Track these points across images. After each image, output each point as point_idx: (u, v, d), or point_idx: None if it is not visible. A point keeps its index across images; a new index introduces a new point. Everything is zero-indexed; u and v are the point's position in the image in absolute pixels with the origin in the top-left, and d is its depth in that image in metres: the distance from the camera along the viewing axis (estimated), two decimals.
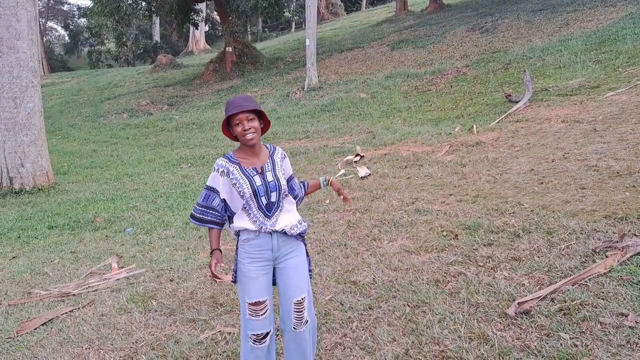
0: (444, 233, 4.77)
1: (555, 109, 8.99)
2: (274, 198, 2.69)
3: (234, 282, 2.79)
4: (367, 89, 15.20)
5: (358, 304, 3.74)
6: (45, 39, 51.90)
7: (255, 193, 2.64)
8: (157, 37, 45.67)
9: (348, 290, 3.99)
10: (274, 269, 2.78)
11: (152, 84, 24.77)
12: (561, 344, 2.91)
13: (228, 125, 2.71)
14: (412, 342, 3.17)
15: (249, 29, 39.75)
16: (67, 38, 59.38)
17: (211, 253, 2.72)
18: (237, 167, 2.68)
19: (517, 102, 9.94)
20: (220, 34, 42.18)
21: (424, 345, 3.13)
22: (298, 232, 2.76)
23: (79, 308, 4.36)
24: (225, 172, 2.68)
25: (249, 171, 2.68)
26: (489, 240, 4.41)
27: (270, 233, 2.69)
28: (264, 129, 2.76)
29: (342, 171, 7.78)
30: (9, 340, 3.92)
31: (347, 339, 3.33)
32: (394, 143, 9.19)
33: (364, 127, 11.34)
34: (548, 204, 4.96)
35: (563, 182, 5.52)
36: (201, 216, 2.75)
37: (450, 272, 3.99)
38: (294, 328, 2.76)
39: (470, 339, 3.11)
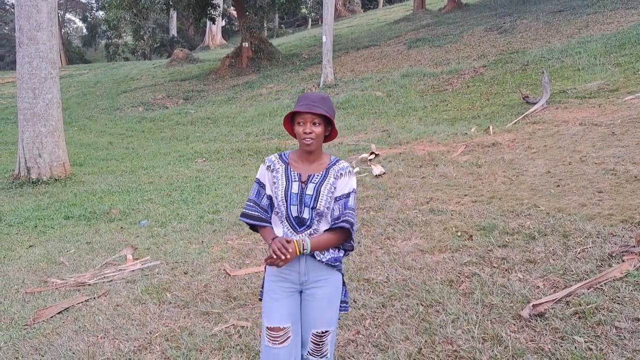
0: (459, 233, 4.76)
1: (573, 111, 8.90)
2: (306, 214, 2.39)
3: (260, 299, 2.57)
4: (382, 87, 15.16)
5: (371, 301, 3.74)
6: (63, 31, 52.43)
7: (286, 199, 2.39)
8: (174, 31, 45.92)
9: (361, 287, 4.00)
10: (301, 293, 2.50)
11: (168, 78, 24.92)
12: (575, 348, 2.89)
13: (292, 120, 2.47)
14: (425, 341, 3.17)
15: (265, 25, 39.79)
16: (85, 30, 59.96)
17: (269, 245, 2.33)
18: (285, 166, 2.46)
19: (534, 103, 9.86)
20: (236, 29, 42.32)
21: (437, 344, 3.12)
22: (327, 259, 2.42)
23: (94, 298, 4.41)
24: (272, 167, 2.48)
25: (292, 174, 2.43)
26: (504, 242, 4.39)
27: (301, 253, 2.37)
28: (329, 137, 2.48)
29: (357, 169, 7.78)
30: (26, 327, 3.98)
31: (360, 336, 3.34)
32: (409, 142, 9.16)
33: (379, 126, 11.32)
34: (564, 207, 4.92)
35: (580, 185, 5.47)
36: (251, 212, 2.49)
37: (465, 273, 3.98)
38: (309, 354, 2.51)
39: (483, 339, 3.10)
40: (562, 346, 2.93)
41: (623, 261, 3.68)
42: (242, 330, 3.56)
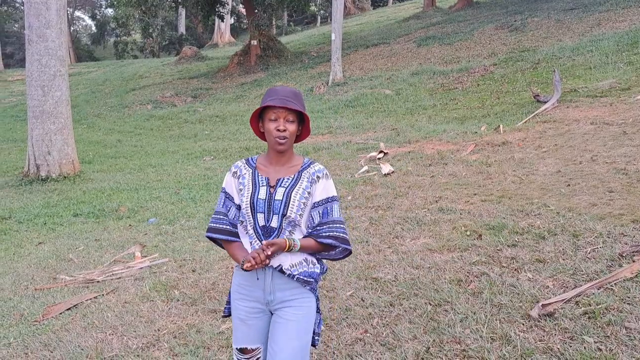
0: (468, 233, 4.73)
1: (584, 110, 8.82)
2: (274, 222, 2.12)
3: (224, 315, 2.36)
4: (392, 86, 15.12)
5: (379, 300, 3.73)
6: (72, 28, 52.73)
7: (252, 206, 2.13)
8: (182, 29, 46.05)
9: (369, 286, 3.98)
10: (271, 313, 2.23)
11: (177, 76, 25.00)
12: (585, 348, 2.86)
13: (260, 117, 2.21)
14: (433, 340, 3.15)
15: (274, 23, 39.81)
16: (93, 28, 60.28)
17: (242, 263, 2.03)
18: (252, 171, 2.22)
19: (545, 102, 9.78)
20: (245, 27, 42.35)
21: (445, 343, 3.10)
22: (299, 273, 2.12)
23: (102, 295, 4.43)
24: (238, 173, 2.23)
25: (259, 179, 2.18)
26: (514, 241, 4.36)
27: (264, 268, 2.12)
28: (300, 137, 2.24)
29: (365, 168, 7.76)
30: (35, 323, 4.01)
31: (368, 334, 3.32)
32: (418, 141, 9.13)
33: (388, 124, 11.28)
34: (574, 207, 4.88)
35: (590, 185, 5.42)
36: (218, 225, 2.23)
37: (473, 272, 3.96)
38: None
39: (492, 339, 3.08)
40: (571, 346, 2.90)
41: (634, 261, 3.64)
42: None
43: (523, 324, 3.18)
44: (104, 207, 7.54)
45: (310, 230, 2.17)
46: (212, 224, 2.26)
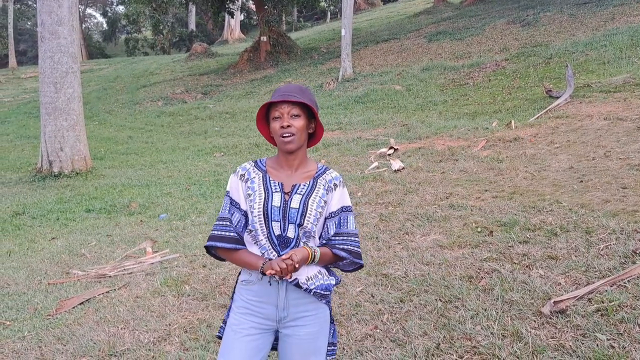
0: (479, 229, 4.70)
1: (597, 105, 8.73)
2: (291, 233, 1.96)
3: (219, 336, 2.11)
4: (402, 81, 15.05)
5: (389, 296, 3.72)
6: (84, 25, 53.11)
7: (266, 214, 1.95)
8: (192, 26, 46.17)
9: (379, 282, 3.98)
10: (277, 332, 2.06)
11: (187, 73, 25.08)
12: (597, 345, 2.84)
13: (266, 118, 2.07)
14: (444, 336, 3.14)
15: (284, 19, 39.77)
16: (105, 25, 60.67)
17: (262, 268, 1.90)
18: (262, 175, 2.03)
19: (557, 97, 9.69)
20: (255, 23, 42.38)
21: (455, 340, 3.09)
22: (316, 287, 1.98)
23: (114, 289, 4.47)
24: (246, 177, 2.04)
25: (272, 184, 2.00)
26: (525, 238, 4.33)
27: (277, 282, 1.97)
28: (315, 137, 2.09)
29: (375, 164, 7.74)
30: (49, 317, 4.05)
31: (378, 330, 3.32)
32: (428, 137, 9.09)
33: (399, 120, 11.25)
34: (587, 203, 4.83)
35: (604, 181, 5.37)
36: (224, 233, 2.00)
37: (484, 269, 3.93)
38: None
39: (503, 336, 3.06)
40: (583, 343, 2.88)
41: None
42: None
43: (535, 321, 3.16)
44: (116, 203, 7.59)
45: (324, 241, 2.02)
46: (216, 232, 2.01)
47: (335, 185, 2.05)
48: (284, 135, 1.96)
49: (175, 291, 4.25)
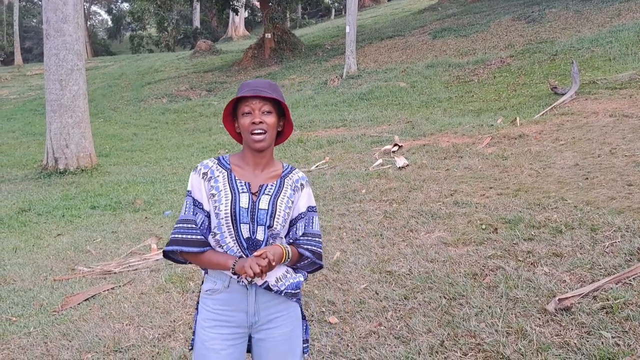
0: (483, 226, 4.69)
1: (603, 102, 8.69)
2: (260, 235, 1.87)
3: (191, 349, 2.00)
4: (406, 78, 15.02)
5: (393, 293, 3.72)
6: (89, 23, 53.21)
7: (233, 216, 1.85)
8: (197, 23, 46.17)
9: (383, 279, 3.98)
10: (250, 337, 1.99)
11: (192, 70, 25.11)
12: (602, 343, 2.83)
13: (234, 116, 1.96)
14: (448, 333, 3.14)
15: (288, 16, 39.72)
16: (110, 22, 60.77)
17: (233, 268, 1.83)
18: (226, 173, 1.92)
19: (563, 94, 9.64)
20: (259, 20, 42.37)
21: (459, 337, 3.09)
22: (286, 287, 1.92)
23: (119, 286, 4.49)
24: (209, 175, 1.92)
25: (238, 184, 1.90)
26: (530, 235, 4.32)
27: (246, 287, 1.89)
28: (283, 135, 2.02)
29: (380, 161, 7.73)
30: (54, 313, 4.08)
31: (382, 327, 3.32)
32: (433, 134, 9.07)
33: (403, 117, 11.22)
34: (593, 200, 4.81)
35: (609, 178, 5.34)
36: (187, 236, 1.87)
37: (489, 266, 3.93)
38: None
39: (507, 333, 3.06)
40: (588, 341, 2.87)
41: None
42: None
43: (539, 319, 3.15)
44: (121, 199, 7.62)
45: (290, 241, 1.97)
46: (177, 235, 1.88)
47: (302, 185, 2.00)
48: (256, 132, 1.86)
49: (180, 288, 4.26)
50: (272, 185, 1.93)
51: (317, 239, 2.00)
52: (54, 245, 5.92)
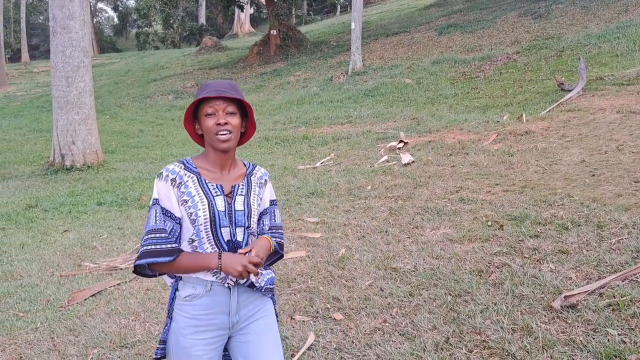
0: (489, 223, 4.68)
1: (610, 98, 8.63)
2: (240, 236, 1.88)
3: (158, 358, 1.91)
4: (412, 75, 14.98)
5: (398, 290, 3.72)
6: (95, 20, 53.35)
7: (213, 221, 1.83)
8: (202, 20, 46.24)
9: (388, 276, 3.98)
10: (228, 339, 1.95)
11: (197, 66, 25.13)
12: (608, 340, 2.82)
13: (195, 118, 1.93)
14: (453, 330, 3.14)
15: (293, 12, 39.68)
16: (116, 19, 60.96)
17: (219, 268, 1.81)
18: (196, 177, 1.87)
19: (569, 90, 9.59)
20: (265, 16, 42.34)
21: (465, 334, 3.09)
22: (265, 283, 1.96)
23: (125, 282, 4.51)
24: (177, 180, 1.85)
25: (211, 187, 1.87)
26: (536, 232, 4.30)
27: (229, 288, 1.88)
28: (245, 135, 2.00)
29: (385, 157, 7.72)
30: (61, 309, 4.10)
31: (387, 324, 3.32)
32: (439, 130, 9.04)
33: (409, 114, 11.20)
34: (599, 197, 4.78)
35: (616, 175, 5.31)
36: (160, 247, 1.80)
37: (494, 263, 3.92)
38: None
39: (513, 330, 3.05)
40: (594, 338, 2.86)
41: None
42: None
43: (545, 316, 3.14)
44: (127, 196, 7.65)
45: (258, 234, 2.00)
46: (150, 247, 1.80)
47: (265, 181, 2.04)
48: (221, 133, 1.84)
49: None
50: (241, 185, 1.93)
51: (280, 231, 2.06)
52: (61, 241, 5.95)
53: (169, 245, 1.81)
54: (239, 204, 1.89)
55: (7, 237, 6.30)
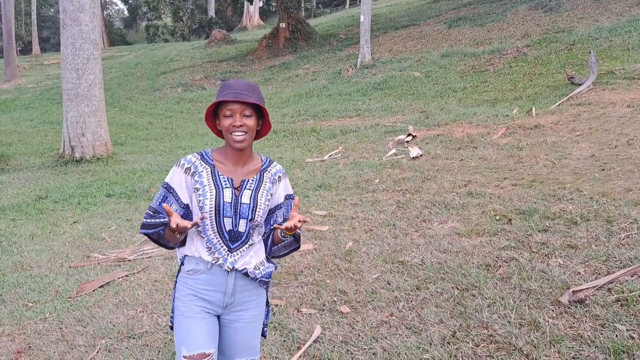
0: (497, 217, 4.66)
1: (621, 92, 8.54)
2: (242, 227, 2.02)
3: (172, 327, 2.12)
4: (421, 68, 14.90)
5: (405, 284, 3.72)
6: (105, 13, 53.46)
7: (217, 210, 1.99)
8: (212, 13, 46.20)
9: (395, 270, 3.97)
10: (218, 319, 2.12)
11: (206, 59, 25.14)
12: (617, 335, 2.80)
13: (215, 114, 2.06)
14: (460, 324, 3.13)
15: (302, 5, 39.55)
16: (126, 12, 61.07)
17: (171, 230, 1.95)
18: (210, 169, 2.04)
19: (580, 84, 9.50)
20: (274, 9, 42.20)
21: (472, 328, 3.08)
22: (262, 275, 2.09)
23: (133, 273, 4.54)
24: (193, 170, 2.04)
25: (222, 179, 2.03)
26: (544, 227, 4.27)
27: (227, 271, 2.04)
28: (260, 133, 2.11)
29: (393, 151, 7.70)
30: (70, 299, 4.14)
31: (394, 318, 3.32)
32: (447, 124, 9.00)
33: (417, 107, 11.15)
34: (609, 192, 4.74)
35: (626, 170, 5.26)
36: (152, 220, 2.03)
37: (502, 257, 3.90)
38: None
39: (520, 324, 3.04)
40: (602, 334, 2.84)
41: None
42: (277, 308, 3.60)
43: (552, 310, 3.13)
44: (136, 188, 7.69)
45: (273, 227, 2.13)
46: (146, 220, 2.05)
47: (279, 177, 2.15)
48: (236, 133, 1.98)
49: None
50: (252, 180, 2.07)
51: None
52: (70, 233, 6.00)
53: (157, 221, 2.02)
54: (245, 198, 2.03)
55: (17, 227, 6.36)
